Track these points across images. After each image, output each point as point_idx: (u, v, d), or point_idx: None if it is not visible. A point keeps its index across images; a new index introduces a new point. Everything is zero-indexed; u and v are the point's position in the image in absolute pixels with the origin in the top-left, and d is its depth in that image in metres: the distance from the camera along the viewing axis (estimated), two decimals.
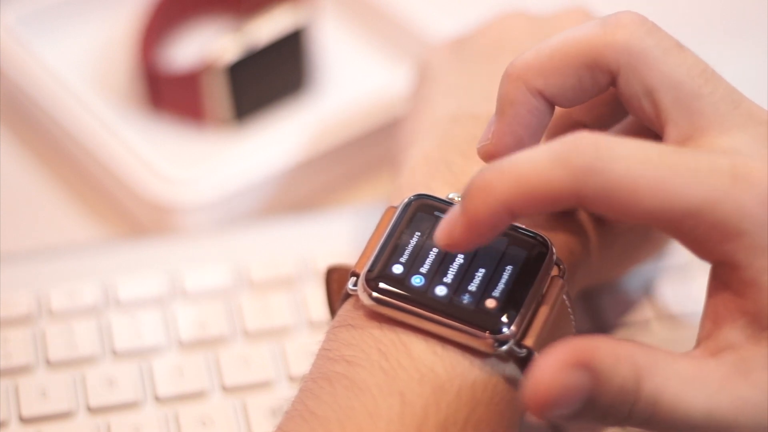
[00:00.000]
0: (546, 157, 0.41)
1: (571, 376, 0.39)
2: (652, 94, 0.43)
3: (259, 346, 0.56)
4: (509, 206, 0.41)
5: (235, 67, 0.67)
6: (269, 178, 0.65)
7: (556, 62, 0.44)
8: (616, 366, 0.40)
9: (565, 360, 0.39)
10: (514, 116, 0.45)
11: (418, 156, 0.51)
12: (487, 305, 0.44)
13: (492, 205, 0.41)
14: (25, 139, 0.69)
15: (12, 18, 0.69)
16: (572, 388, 0.39)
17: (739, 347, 0.41)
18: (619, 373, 0.40)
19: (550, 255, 0.45)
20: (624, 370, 0.40)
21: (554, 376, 0.39)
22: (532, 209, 0.41)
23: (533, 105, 0.45)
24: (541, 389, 0.39)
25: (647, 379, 0.40)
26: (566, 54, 0.44)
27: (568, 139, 0.41)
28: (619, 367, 0.40)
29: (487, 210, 0.42)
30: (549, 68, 0.44)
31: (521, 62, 0.45)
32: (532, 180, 0.41)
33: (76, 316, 0.56)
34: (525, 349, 0.44)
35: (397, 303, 0.44)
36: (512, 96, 0.45)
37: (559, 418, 0.40)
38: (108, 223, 0.66)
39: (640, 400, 0.40)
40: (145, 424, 0.53)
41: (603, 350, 0.40)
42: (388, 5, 0.72)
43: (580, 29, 0.44)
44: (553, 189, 0.41)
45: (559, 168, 0.40)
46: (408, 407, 0.42)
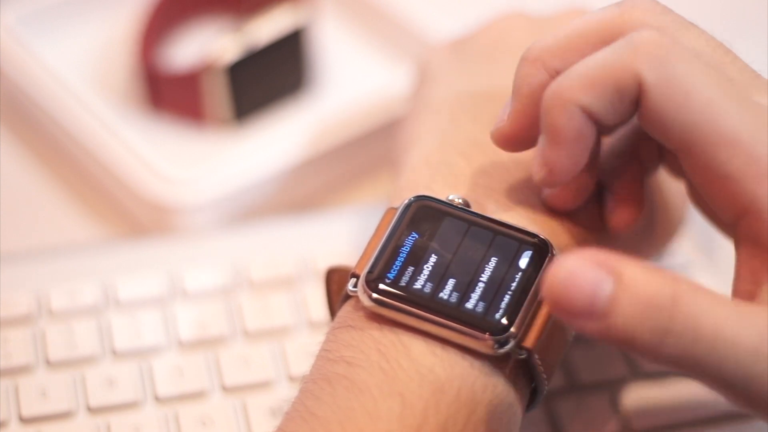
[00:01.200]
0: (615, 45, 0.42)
1: (592, 270, 0.38)
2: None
3: (259, 346, 0.56)
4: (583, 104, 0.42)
5: (235, 67, 0.67)
6: (269, 178, 0.65)
7: (573, 42, 0.45)
8: (646, 277, 0.38)
9: (587, 257, 0.38)
10: (531, 97, 0.45)
11: (419, 157, 0.51)
12: (486, 307, 0.44)
13: (568, 108, 0.42)
14: (25, 139, 0.69)
15: (12, 18, 0.69)
16: (588, 279, 0.38)
17: None
18: (651, 285, 0.38)
19: (550, 256, 0.45)
20: (656, 284, 0.38)
21: (574, 265, 0.38)
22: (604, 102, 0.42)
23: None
24: (557, 276, 0.38)
25: (686, 300, 0.38)
26: (584, 34, 0.45)
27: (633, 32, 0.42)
28: (650, 280, 0.38)
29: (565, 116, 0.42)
30: (567, 48, 0.45)
31: (539, 45, 0.45)
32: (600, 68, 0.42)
33: (76, 316, 0.56)
34: (525, 351, 0.44)
35: (397, 304, 0.44)
36: (530, 77, 0.45)
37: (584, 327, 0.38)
38: (108, 223, 0.66)
39: (677, 321, 0.38)
40: (145, 424, 0.53)
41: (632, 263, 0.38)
42: (388, 5, 0.72)
43: (597, 12, 0.45)
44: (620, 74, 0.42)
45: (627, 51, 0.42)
46: (408, 408, 0.42)
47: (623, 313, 0.38)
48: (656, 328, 0.38)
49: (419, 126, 0.53)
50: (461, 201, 0.47)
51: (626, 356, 0.55)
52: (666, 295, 0.38)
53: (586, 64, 0.43)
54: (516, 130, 0.46)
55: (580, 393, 0.54)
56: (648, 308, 0.38)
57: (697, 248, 0.60)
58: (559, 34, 0.45)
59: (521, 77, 0.45)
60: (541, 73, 0.45)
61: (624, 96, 0.42)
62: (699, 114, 0.41)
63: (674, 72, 0.42)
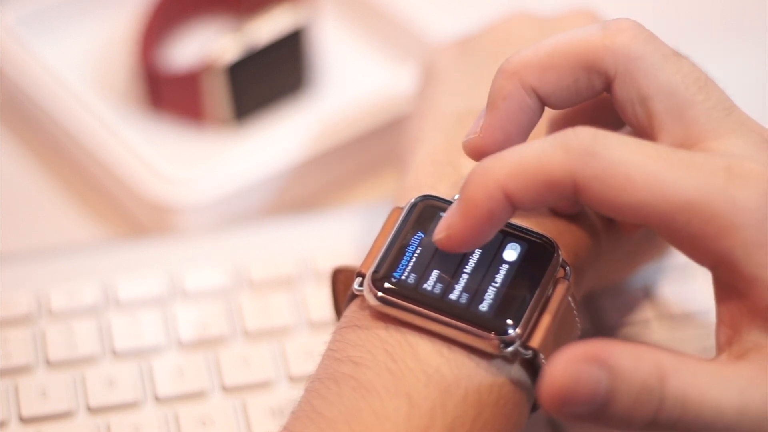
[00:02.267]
0: (546, 142, 0.41)
1: (586, 369, 0.39)
2: (646, 102, 0.44)
3: (259, 346, 0.56)
4: (506, 189, 0.41)
5: (235, 67, 0.66)
6: (269, 178, 0.64)
7: (554, 60, 0.44)
8: (636, 364, 0.39)
9: (580, 355, 0.39)
10: (506, 111, 0.45)
11: (424, 157, 0.51)
12: (492, 306, 0.44)
13: (489, 187, 0.42)
14: (25, 139, 0.69)
15: (12, 18, 0.69)
16: (587, 381, 0.39)
17: (763, 346, 0.41)
18: (641, 371, 0.39)
19: (556, 257, 0.45)
20: (645, 368, 0.39)
21: (568, 369, 0.39)
22: (529, 194, 0.41)
23: (525, 102, 0.45)
24: (554, 383, 0.39)
25: (672, 377, 0.40)
26: (565, 53, 0.44)
27: (569, 129, 0.42)
28: (640, 366, 0.39)
29: (484, 194, 0.42)
30: (546, 66, 0.44)
31: (518, 59, 0.45)
32: (531, 162, 0.41)
33: (76, 316, 0.56)
34: (530, 351, 0.44)
35: (403, 303, 0.44)
36: (506, 91, 0.45)
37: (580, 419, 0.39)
38: (108, 223, 0.66)
39: (666, 398, 0.39)
40: (145, 424, 0.53)
41: (621, 349, 0.39)
42: (388, 5, 0.72)
43: (580, 31, 0.45)
44: (551, 171, 0.41)
45: (558, 150, 0.41)
46: (415, 409, 0.42)
47: (620, 401, 0.39)
48: (649, 408, 0.39)
49: (424, 125, 0.53)
50: None
51: None
52: (654, 376, 0.39)
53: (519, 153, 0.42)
54: (488, 144, 0.45)
55: None
56: (641, 393, 0.39)
57: None
58: (540, 50, 0.45)
59: (496, 90, 0.45)
60: (517, 88, 0.45)
61: (554, 190, 0.42)
62: (645, 191, 0.41)
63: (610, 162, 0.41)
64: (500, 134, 0.45)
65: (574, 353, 0.39)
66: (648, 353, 0.40)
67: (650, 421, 0.40)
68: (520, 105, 0.45)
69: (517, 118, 0.45)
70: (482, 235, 0.43)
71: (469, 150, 0.46)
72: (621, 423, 0.40)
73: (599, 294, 0.57)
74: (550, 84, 0.44)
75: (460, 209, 0.43)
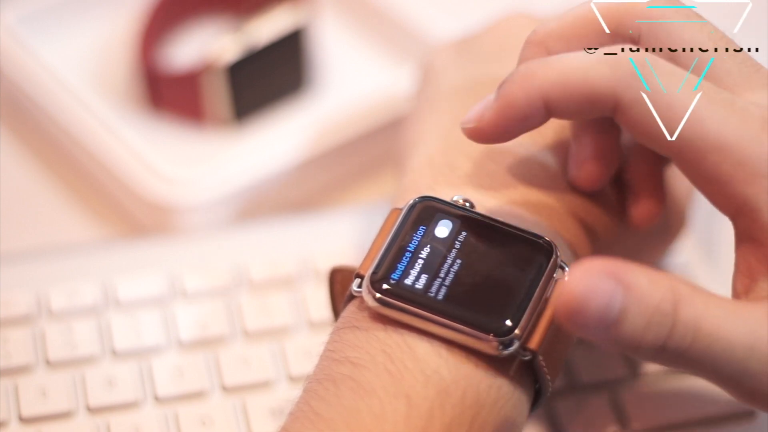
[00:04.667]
0: (595, 57, 0.42)
1: (604, 282, 0.39)
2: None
3: (259, 346, 0.56)
4: (547, 95, 0.42)
5: (234, 67, 0.67)
6: (269, 178, 0.64)
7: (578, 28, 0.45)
8: (651, 285, 0.39)
9: (598, 269, 0.39)
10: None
11: (423, 158, 0.51)
12: (491, 307, 0.44)
13: (530, 90, 0.42)
14: (25, 139, 0.69)
15: (12, 18, 0.69)
16: (602, 293, 0.38)
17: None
18: (656, 292, 0.39)
19: (554, 258, 0.45)
20: (660, 291, 0.39)
21: (584, 280, 0.39)
22: (569, 105, 0.42)
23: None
24: (569, 292, 0.38)
25: (686, 304, 0.39)
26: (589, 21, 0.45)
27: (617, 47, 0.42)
28: (655, 288, 0.39)
29: (524, 95, 0.42)
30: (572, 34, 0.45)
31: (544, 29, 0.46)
32: (577, 73, 0.42)
33: (76, 316, 0.56)
34: (529, 352, 0.44)
35: (402, 305, 0.44)
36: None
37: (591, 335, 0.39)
38: (108, 223, 0.66)
39: (678, 325, 0.39)
40: (145, 424, 0.53)
41: (637, 271, 0.39)
42: (388, 5, 0.72)
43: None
44: (595, 85, 0.42)
45: (607, 67, 0.42)
46: (414, 409, 0.42)
47: (632, 321, 0.39)
48: (660, 332, 0.39)
49: (423, 126, 0.53)
50: (465, 202, 0.47)
51: (626, 356, 0.55)
52: (668, 300, 0.39)
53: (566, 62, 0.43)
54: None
55: (580, 393, 0.54)
56: (653, 315, 0.39)
57: (697, 248, 0.60)
58: (564, 19, 0.45)
59: (525, 58, 0.46)
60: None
61: (595, 105, 0.43)
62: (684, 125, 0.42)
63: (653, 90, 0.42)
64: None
65: (593, 266, 0.39)
66: (665, 278, 0.40)
67: (660, 347, 0.39)
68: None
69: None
70: (510, 135, 0.44)
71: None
72: (631, 345, 0.39)
73: None
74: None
75: (497, 105, 0.43)
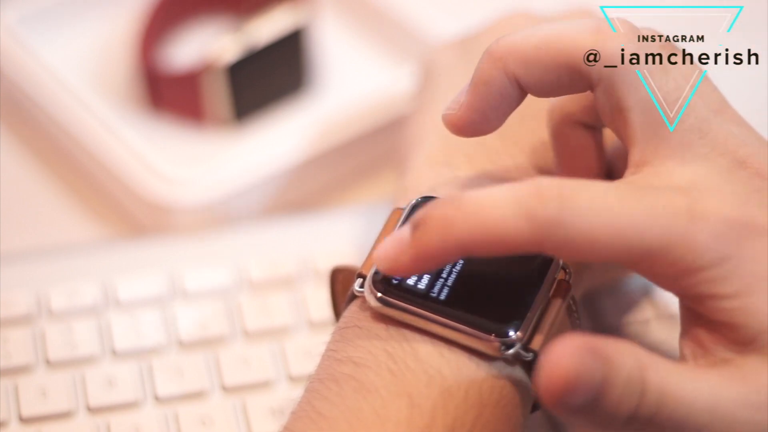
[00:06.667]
0: (510, 206, 0.41)
1: (588, 359, 0.39)
2: (623, 113, 0.44)
3: (259, 346, 0.56)
4: (465, 246, 0.41)
5: (234, 67, 0.67)
6: (269, 178, 0.64)
7: (540, 54, 0.44)
8: (621, 356, 0.40)
9: (580, 346, 0.39)
10: (486, 95, 0.45)
11: (423, 158, 0.51)
12: (493, 308, 0.44)
13: (447, 242, 0.41)
14: (25, 139, 0.69)
15: (12, 18, 0.69)
16: (588, 371, 0.39)
17: (730, 360, 0.42)
18: (625, 364, 0.40)
19: (556, 259, 0.45)
20: (629, 361, 0.40)
21: (572, 359, 0.39)
22: (488, 253, 0.41)
23: (506, 89, 0.45)
24: (557, 374, 0.39)
25: (651, 371, 0.40)
26: (552, 50, 0.44)
27: (532, 187, 0.41)
28: (624, 358, 0.40)
29: (440, 246, 0.42)
30: (532, 59, 0.44)
31: (506, 43, 0.45)
32: (493, 228, 0.41)
33: (76, 316, 0.56)
34: (531, 353, 0.44)
35: (404, 305, 0.44)
36: (488, 75, 0.45)
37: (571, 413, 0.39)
38: (108, 223, 0.66)
39: (647, 392, 0.40)
40: (145, 424, 0.53)
41: (606, 342, 0.40)
42: (388, 5, 0.72)
43: (572, 28, 0.44)
44: (514, 240, 0.41)
45: (523, 220, 0.40)
46: (416, 409, 0.42)
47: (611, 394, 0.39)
48: (631, 401, 0.40)
49: (423, 125, 0.53)
50: None
51: None
52: (636, 368, 0.40)
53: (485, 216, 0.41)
54: (466, 124, 0.46)
55: None
56: (626, 385, 0.40)
57: None
58: (529, 39, 0.45)
59: (479, 71, 0.45)
60: (500, 74, 0.45)
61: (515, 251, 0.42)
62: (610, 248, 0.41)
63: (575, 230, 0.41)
64: (478, 116, 0.46)
65: (574, 345, 0.39)
66: (628, 347, 0.40)
67: (631, 416, 0.40)
68: (501, 91, 0.45)
69: (496, 103, 0.45)
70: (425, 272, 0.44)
71: (447, 123, 0.46)
72: (607, 417, 0.40)
73: (599, 294, 0.57)
74: (533, 76, 0.44)
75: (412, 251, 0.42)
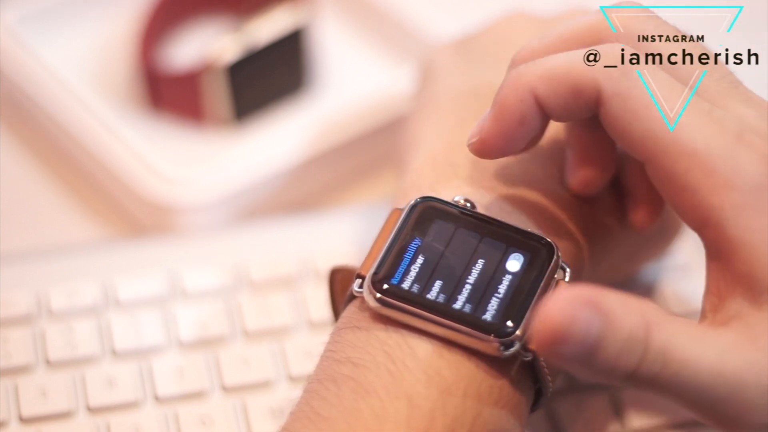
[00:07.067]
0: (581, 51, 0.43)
1: (583, 311, 0.39)
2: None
3: (259, 346, 0.56)
4: (536, 92, 0.43)
5: (234, 67, 0.66)
6: (269, 178, 0.64)
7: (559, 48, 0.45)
8: (625, 313, 0.39)
9: (576, 297, 0.39)
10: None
11: (424, 158, 0.51)
12: (492, 308, 0.44)
13: (520, 91, 0.43)
14: (25, 139, 0.69)
15: (12, 18, 0.69)
16: (582, 323, 0.39)
17: (744, 315, 0.41)
18: (629, 319, 0.39)
19: (555, 259, 0.45)
20: (633, 318, 0.40)
21: (564, 309, 0.39)
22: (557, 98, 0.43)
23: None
24: (550, 321, 0.39)
25: (657, 331, 0.40)
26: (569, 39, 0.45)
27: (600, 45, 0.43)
28: (628, 314, 0.39)
29: (515, 97, 0.43)
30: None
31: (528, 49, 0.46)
32: (561, 67, 0.43)
33: (76, 316, 0.56)
34: (530, 353, 0.44)
35: (403, 305, 0.44)
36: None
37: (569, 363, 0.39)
38: (108, 223, 0.66)
39: (649, 351, 0.40)
40: (145, 424, 0.53)
41: (611, 297, 0.40)
42: (388, 5, 0.72)
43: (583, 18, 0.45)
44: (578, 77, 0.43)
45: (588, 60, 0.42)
46: (415, 410, 0.42)
47: (607, 348, 0.39)
48: (632, 358, 0.40)
49: (423, 126, 0.53)
50: (466, 202, 0.47)
51: None
52: (640, 325, 0.40)
53: (552, 59, 0.44)
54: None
55: (580, 393, 0.54)
56: (627, 341, 0.39)
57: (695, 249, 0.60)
58: (546, 39, 0.46)
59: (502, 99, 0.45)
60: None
61: (579, 98, 0.43)
62: (657, 124, 0.42)
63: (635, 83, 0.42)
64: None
65: (571, 295, 0.39)
66: (636, 303, 0.40)
67: (631, 373, 0.40)
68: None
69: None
70: (513, 141, 0.45)
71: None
72: (604, 371, 0.40)
73: None
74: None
75: (493, 113, 0.44)
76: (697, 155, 0.41)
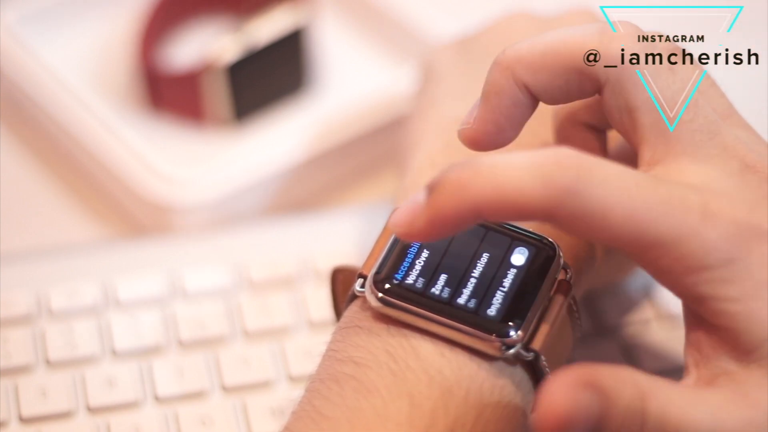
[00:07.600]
0: (527, 170, 0.40)
1: (583, 395, 0.39)
2: (632, 113, 0.44)
3: (259, 346, 0.56)
4: (479, 209, 0.41)
5: (234, 67, 0.66)
6: (269, 178, 0.64)
7: (546, 60, 0.44)
8: (620, 388, 0.40)
9: (575, 381, 0.39)
10: (498, 106, 0.45)
11: (424, 158, 0.51)
12: (494, 308, 0.44)
13: (462, 204, 0.41)
14: (25, 139, 0.69)
15: (12, 18, 0.69)
16: (584, 407, 0.39)
17: (732, 373, 0.42)
18: (624, 393, 0.40)
19: (557, 259, 0.45)
20: (628, 390, 0.40)
21: (567, 395, 0.39)
22: (501, 217, 0.41)
23: (518, 97, 0.45)
24: (553, 410, 0.39)
25: (652, 399, 0.40)
26: (558, 54, 0.44)
27: (551, 154, 0.41)
28: (623, 388, 0.40)
29: (455, 208, 0.41)
30: (539, 65, 0.44)
31: (513, 53, 0.45)
32: (509, 190, 0.40)
33: (76, 316, 0.56)
34: (532, 353, 0.44)
35: (405, 305, 0.44)
36: (499, 85, 0.45)
37: None
38: (108, 223, 0.66)
39: (648, 420, 0.40)
40: (145, 424, 0.53)
41: (606, 373, 0.40)
42: (388, 5, 0.72)
43: (576, 32, 0.44)
44: (528, 203, 0.40)
45: (539, 184, 0.40)
46: (417, 409, 0.42)
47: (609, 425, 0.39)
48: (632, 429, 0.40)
49: (424, 126, 0.53)
50: None
51: (627, 356, 0.55)
52: (636, 397, 0.40)
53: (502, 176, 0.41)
54: (481, 136, 0.46)
55: None
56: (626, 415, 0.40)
57: None
58: (535, 47, 0.45)
59: (490, 83, 0.45)
60: (510, 84, 0.45)
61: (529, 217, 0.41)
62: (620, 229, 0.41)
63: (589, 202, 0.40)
64: (492, 127, 0.45)
65: (571, 379, 0.39)
66: (627, 374, 0.40)
67: None
68: (513, 100, 0.45)
69: (509, 113, 0.45)
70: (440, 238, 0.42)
71: (463, 140, 0.46)
72: None
73: (599, 294, 0.57)
74: (541, 82, 0.44)
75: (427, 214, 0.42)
76: (664, 244, 0.41)
